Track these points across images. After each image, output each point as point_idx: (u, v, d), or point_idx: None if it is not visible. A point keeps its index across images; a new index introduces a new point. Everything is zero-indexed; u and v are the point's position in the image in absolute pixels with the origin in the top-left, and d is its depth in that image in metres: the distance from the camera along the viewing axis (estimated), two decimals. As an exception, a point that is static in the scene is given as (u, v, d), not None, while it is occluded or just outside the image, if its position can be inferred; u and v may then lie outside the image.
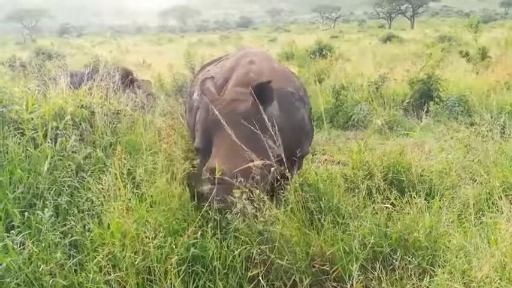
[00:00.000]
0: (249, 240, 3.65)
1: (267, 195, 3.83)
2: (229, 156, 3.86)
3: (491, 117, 5.83)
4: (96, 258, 3.47)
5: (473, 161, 5.19)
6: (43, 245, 3.53)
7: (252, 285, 3.51)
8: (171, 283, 3.35)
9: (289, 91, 4.80)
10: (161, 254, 3.48)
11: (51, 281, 3.31)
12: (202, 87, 4.47)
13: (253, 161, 3.80)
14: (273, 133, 4.00)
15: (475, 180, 4.96)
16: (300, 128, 4.76)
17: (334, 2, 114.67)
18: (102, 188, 4.03)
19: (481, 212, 4.26)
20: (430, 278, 3.36)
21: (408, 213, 3.96)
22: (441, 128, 6.27)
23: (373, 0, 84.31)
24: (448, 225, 3.87)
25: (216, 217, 3.69)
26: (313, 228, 3.95)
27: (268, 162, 3.83)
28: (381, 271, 3.45)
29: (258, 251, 3.56)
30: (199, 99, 5.15)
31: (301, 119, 4.81)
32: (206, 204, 3.71)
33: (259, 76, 4.56)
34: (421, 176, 5.06)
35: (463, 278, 3.23)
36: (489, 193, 4.52)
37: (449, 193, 4.66)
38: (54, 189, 4.27)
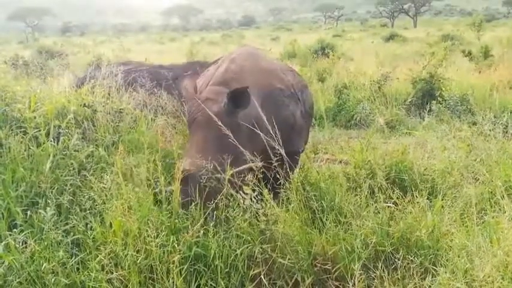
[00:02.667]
0: (251, 239, 3.66)
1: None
2: (197, 155, 3.93)
3: (494, 116, 5.81)
4: (98, 256, 3.48)
5: (475, 160, 5.18)
6: (45, 243, 3.54)
7: (253, 284, 3.51)
8: (173, 282, 3.35)
9: (277, 87, 4.79)
10: (163, 253, 3.48)
11: (53, 280, 3.32)
12: (182, 86, 4.53)
13: (222, 160, 3.87)
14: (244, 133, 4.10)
15: (478, 180, 4.94)
16: (289, 125, 4.76)
17: (336, 1, 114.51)
18: (104, 187, 4.04)
19: (483, 212, 4.25)
20: (432, 278, 3.35)
21: (410, 213, 3.95)
22: (443, 127, 6.24)
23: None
24: (450, 225, 3.86)
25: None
26: (315, 228, 3.95)
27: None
28: (383, 270, 3.45)
29: (260, 250, 3.57)
30: None
31: (290, 115, 4.81)
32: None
33: (237, 75, 4.56)
34: (424, 175, 5.05)
35: (465, 277, 3.23)
36: (491, 192, 4.51)
37: (452, 192, 4.65)
38: (56, 187, 4.27)
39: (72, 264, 3.47)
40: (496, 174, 4.80)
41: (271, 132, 4.14)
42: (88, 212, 3.95)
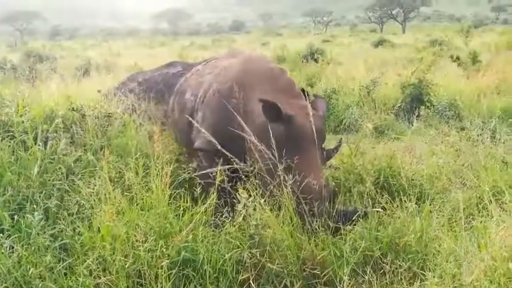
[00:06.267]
0: (240, 243, 3.65)
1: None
2: (320, 171, 4.19)
3: (482, 121, 5.86)
4: (86, 261, 3.46)
5: (463, 165, 5.21)
6: (32, 248, 3.52)
7: (242, 289, 3.51)
8: (162, 287, 3.34)
9: None
10: (152, 258, 3.47)
11: (40, 285, 3.30)
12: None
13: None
14: None
15: (465, 185, 4.97)
16: None
17: (326, 6, 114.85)
18: (93, 191, 4.02)
19: (471, 216, 4.28)
20: (421, 282, 3.37)
21: (399, 217, 3.97)
22: (432, 132, 6.28)
23: (365, 5, 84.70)
24: (438, 230, 3.88)
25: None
26: (304, 232, 3.95)
27: None
28: (372, 275, 3.45)
29: (249, 254, 3.57)
30: (193, 98, 5.17)
31: None
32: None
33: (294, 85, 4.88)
34: (412, 180, 5.07)
35: (453, 282, 3.24)
36: (479, 197, 4.54)
37: (440, 197, 4.68)
38: (44, 192, 4.24)
39: (59, 269, 3.45)
40: (484, 180, 4.83)
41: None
42: (76, 216, 3.93)
